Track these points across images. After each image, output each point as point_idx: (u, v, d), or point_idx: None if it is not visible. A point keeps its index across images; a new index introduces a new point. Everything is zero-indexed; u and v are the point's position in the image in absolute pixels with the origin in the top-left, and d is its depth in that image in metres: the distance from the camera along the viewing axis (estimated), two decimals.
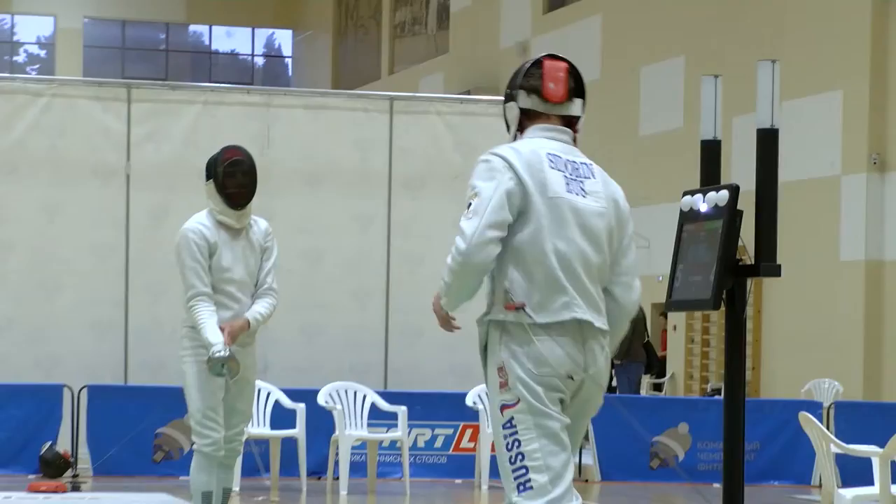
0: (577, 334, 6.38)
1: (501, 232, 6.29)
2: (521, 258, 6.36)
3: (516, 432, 6.31)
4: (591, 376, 6.47)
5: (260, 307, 10.19)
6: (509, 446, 6.32)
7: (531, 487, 6.28)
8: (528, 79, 6.63)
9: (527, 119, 6.69)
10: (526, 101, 6.65)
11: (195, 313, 9.85)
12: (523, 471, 6.28)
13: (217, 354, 9.65)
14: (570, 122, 6.74)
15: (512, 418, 6.31)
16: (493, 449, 17.08)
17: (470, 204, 6.33)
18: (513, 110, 6.71)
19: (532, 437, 6.30)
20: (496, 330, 6.40)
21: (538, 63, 6.63)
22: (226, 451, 10.07)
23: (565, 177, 6.54)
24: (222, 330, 9.83)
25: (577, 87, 6.71)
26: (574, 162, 6.66)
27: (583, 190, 6.57)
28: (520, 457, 6.29)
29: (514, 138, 6.71)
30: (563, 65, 6.65)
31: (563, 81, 6.64)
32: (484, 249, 6.25)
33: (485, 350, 6.48)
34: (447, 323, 6.51)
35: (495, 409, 6.39)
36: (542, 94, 6.62)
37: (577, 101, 6.73)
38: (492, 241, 6.26)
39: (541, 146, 6.56)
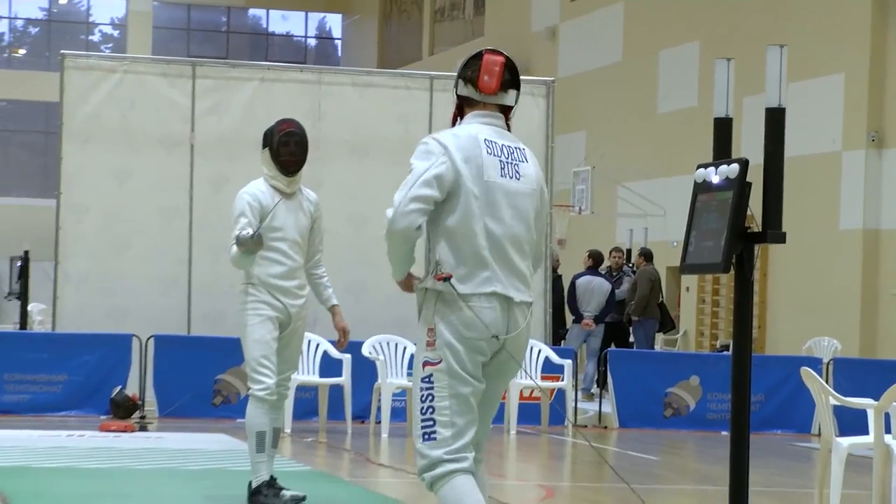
0: (503, 303, 6.42)
1: (425, 205, 6.34)
2: (451, 235, 6.41)
3: (432, 388, 6.34)
4: (510, 340, 6.46)
5: (329, 287, 10.35)
6: (423, 398, 6.36)
7: (435, 438, 6.31)
8: (467, 70, 6.64)
9: (466, 105, 6.66)
10: (464, 89, 6.64)
11: (232, 246, 9.82)
12: (431, 423, 6.32)
13: (243, 233, 9.67)
14: (505, 110, 6.69)
15: (431, 375, 6.34)
16: (521, 397, 17.25)
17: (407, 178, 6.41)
18: (455, 94, 6.71)
19: (445, 395, 6.32)
20: (431, 296, 6.43)
21: (478, 56, 6.65)
22: (278, 392, 10.05)
23: (501, 161, 6.52)
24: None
25: (512, 79, 6.67)
26: (510, 146, 6.61)
27: (517, 173, 6.56)
28: (430, 410, 6.33)
29: (454, 121, 6.69)
30: (500, 59, 6.64)
31: (497, 75, 6.61)
32: (406, 218, 6.30)
33: (420, 312, 6.50)
34: (408, 287, 6.59)
35: (418, 363, 6.41)
36: (478, 85, 6.60)
37: (512, 92, 6.68)
38: (413, 211, 6.31)
39: (478, 132, 6.54)
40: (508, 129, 6.69)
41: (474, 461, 6.41)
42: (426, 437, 6.33)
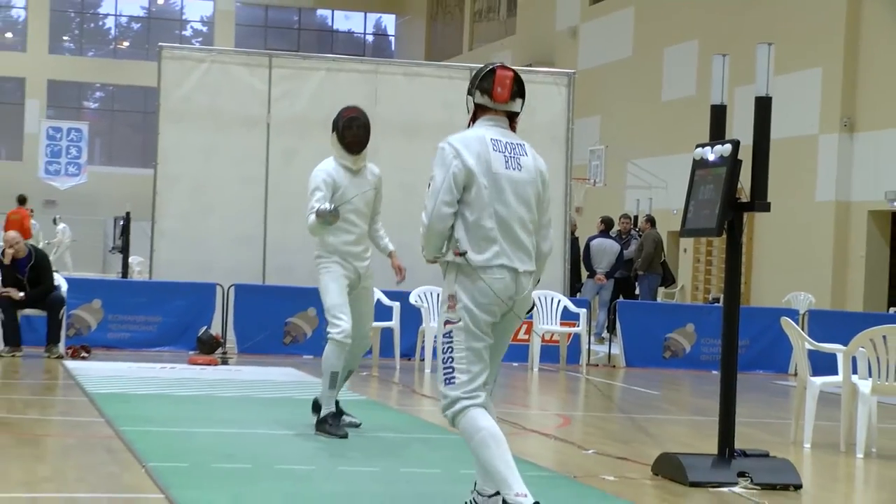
0: (510, 273, 6.58)
1: (451, 208, 6.56)
2: (467, 219, 6.58)
3: (452, 342, 6.53)
4: (517, 302, 6.63)
5: (386, 238, 10.36)
6: (444, 350, 6.55)
7: (454, 382, 6.50)
8: (483, 82, 6.76)
9: (480, 111, 6.79)
10: (480, 99, 6.77)
11: (309, 216, 9.84)
12: (451, 370, 6.52)
13: (323, 206, 9.68)
14: (512, 115, 6.83)
15: (451, 331, 6.53)
16: (542, 339, 17.26)
17: (429, 185, 6.60)
18: (470, 103, 6.83)
19: (462, 348, 6.52)
20: (452, 268, 6.60)
21: (492, 71, 6.78)
22: (358, 344, 10.06)
23: (505, 156, 6.66)
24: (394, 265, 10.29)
25: (518, 90, 6.80)
26: (512, 143, 6.74)
27: (519, 165, 6.69)
28: (450, 360, 6.52)
29: (469, 123, 6.83)
30: (510, 74, 6.77)
31: (508, 87, 6.75)
32: (441, 221, 6.55)
33: (444, 279, 6.70)
34: (434, 261, 6.74)
35: (441, 321, 6.61)
36: (492, 95, 6.74)
37: (518, 101, 6.81)
38: (445, 215, 6.55)
39: (485, 133, 6.69)
40: (514, 131, 6.83)
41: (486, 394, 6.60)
42: (447, 381, 6.52)
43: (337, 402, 10.08)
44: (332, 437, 9.74)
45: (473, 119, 6.81)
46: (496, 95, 6.73)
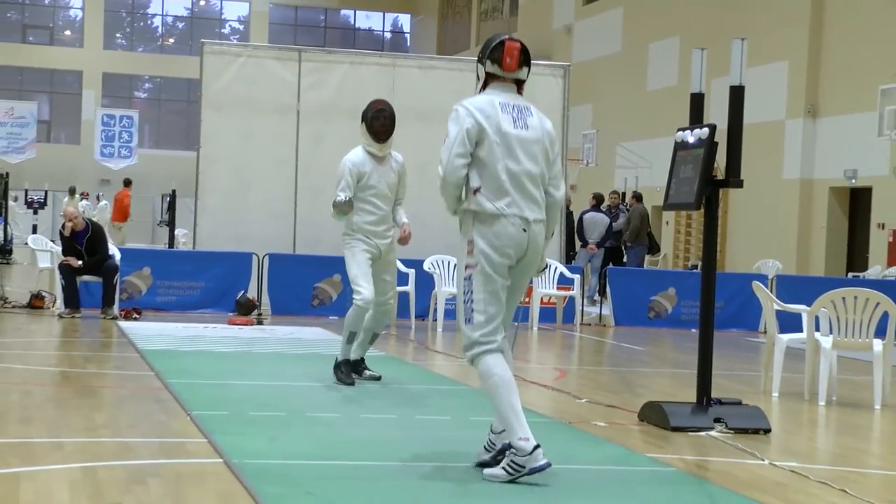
0: (522, 221, 6.53)
1: (465, 159, 6.49)
2: (482, 172, 6.53)
3: (471, 284, 6.49)
4: (531, 248, 6.59)
5: (405, 215, 10.18)
6: (465, 292, 6.52)
7: (472, 321, 6.48)
8: (494, 52, 6.68)
9: (490, 78, 6.71)
10: (491, 67, 6.69)
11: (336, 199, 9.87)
12: (470, 310, 6.48)
13: (338, 199, 9.74)
14: (519, 82, 6.77)
15: (471, 276, 6.49)
16: (541, 302, 17.26)
17: (444, 141, 6.54)
18: (481, 71, 6.74)
19: (480, 290, 6.48)
20: (469, 217, 6.54)
21: (501, 43, 6.68)
22: (383, 309, 10.04)
23: (513, 117, 6.61)
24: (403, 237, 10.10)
25: (525, 59, 6.72)
26: (519, 105, 6.69)
27: (526, 125, 6.64)
28: (470, 301, 6.49)
29: (480, 90, 6.75)
30: (518, 45, 6.70)
31: (516, 57, 6.68)
32: (455, 172, 6.49)
33: (461, 229, 6.64)
34: (455, 213, 6.66)
35: (461, 266, 6.56)
36: (502, 64, 6.67)
37: (524, 69, 6.73)
38: (458, 166, 6.48)
39: (495, 97, 6.64)
40: (521, 94, 6.77)
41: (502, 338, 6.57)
42: (467, 320, 6.49)
43: (363, 359, 10.13)
44: (340, 383, 9.85)
45: (484, 86, 6.73)
46: (505, 65, 6.65)
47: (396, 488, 6.23)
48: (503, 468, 6.40)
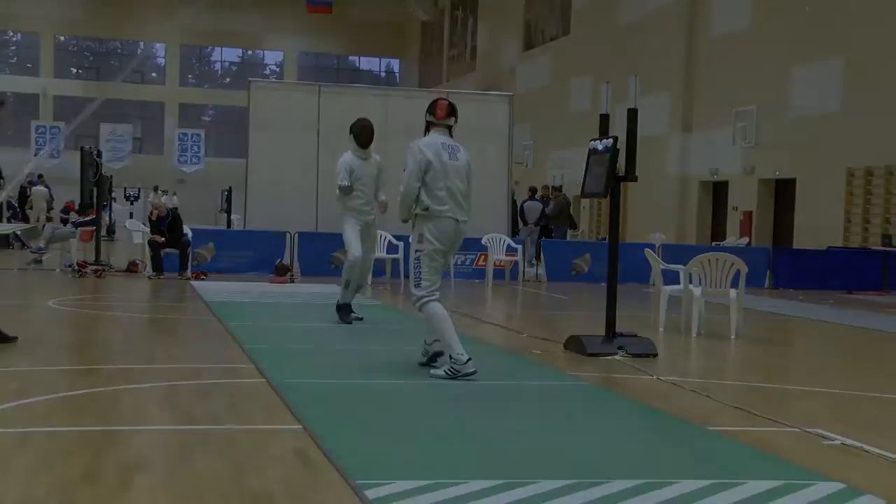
0: (455, 221, 6.92)
1: (419, 183, 6.84)
2: (428, 189, 6.86)
3: (420, 260, 6.86)
4: (458, 237, 6.97)
5: (383, 195, 10.10)
6: (415, 266, 6.88)
7: (420, 285, 6.87)
8: (431, 107, 7.07)
9: (430, 125, 7.08)
10: (429, 118, 7.08)
11: (338, 185, 9.86)
12: (418, 278, 6.85)
13: (343, 184, 9.85)
14: (449, 127, 7.11)
15: (419, 257, 6.86)
16: (494, 265, 17.21)
17: (404, 169, 6.87)
18: (425, 120, 7.10)
19: (426, 263, 6.85)
20: (420, 218, 6.88)
21: (436, 101, 7.09)
22: (366, 264, 10.07)
23: (448, 153, 6.95)
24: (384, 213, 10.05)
25: (451, 111, 7.07)
26: (451, 144, 7.02)
27: (456, 158, 6.98)
28: (419, 272, 6.86)
29: (425, 133, 7.06)
30: (446, 102, 7.09)
31: (445, 110, 7.06)
32: (411, 192, 6.85)
33: (413, 227, 6.94)
34: (405, 221, 6.99)
35: (413, 249, 6.90)
36: (436, 115, 7.07)
37: (452, 118, 7.08)
38: (414, 188, 6.84)
39: (437, 140, 6.99)
40: (451, 136, 7.07)
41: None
42: (416, 284, 6.88)
43: (350, 305, 10.09)
44: (341, 322, 9.90)
45: (427, 130, 7.07)
46: (437, 115, 7.04)
47: (387, 394, 6.21)
48: (445, 371, 6.77)
